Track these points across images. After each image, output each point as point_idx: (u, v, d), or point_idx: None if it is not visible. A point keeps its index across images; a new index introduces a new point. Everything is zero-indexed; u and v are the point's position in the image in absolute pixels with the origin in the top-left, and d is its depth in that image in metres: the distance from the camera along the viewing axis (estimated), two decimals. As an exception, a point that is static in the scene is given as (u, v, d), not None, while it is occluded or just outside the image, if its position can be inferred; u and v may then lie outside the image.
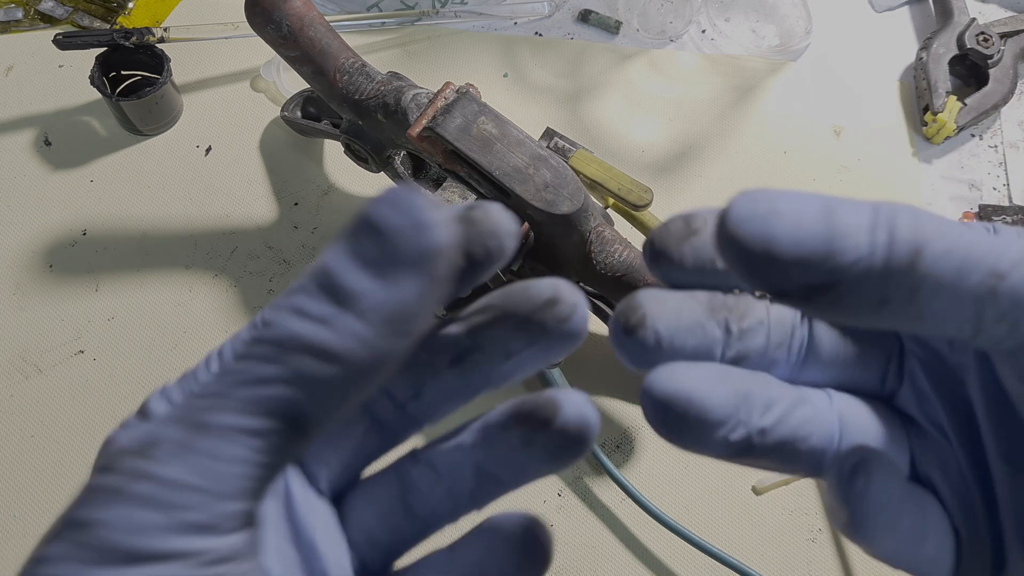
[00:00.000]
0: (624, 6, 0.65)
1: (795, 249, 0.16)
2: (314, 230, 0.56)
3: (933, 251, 0.16)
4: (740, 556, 0.45)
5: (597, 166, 0.47)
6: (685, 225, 0.20)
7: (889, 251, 0.16)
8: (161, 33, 0.56)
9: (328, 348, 0.16)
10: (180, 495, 0.15)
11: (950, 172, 0.61)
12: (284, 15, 0.43)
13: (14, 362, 0.51)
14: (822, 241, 0.16)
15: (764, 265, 0.16)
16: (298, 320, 0.16)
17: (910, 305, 0.16)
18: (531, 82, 0.62)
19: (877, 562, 0.50)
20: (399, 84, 0.44)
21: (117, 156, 0.58)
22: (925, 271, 0.16)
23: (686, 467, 0.49)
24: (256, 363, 0.16)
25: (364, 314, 0.16)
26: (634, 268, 0.44)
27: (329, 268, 0.16)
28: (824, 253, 0.16)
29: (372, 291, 0.16)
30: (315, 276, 0.16)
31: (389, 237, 0.16)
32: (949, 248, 0.16)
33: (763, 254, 0.16)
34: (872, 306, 0.16)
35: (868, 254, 0.16)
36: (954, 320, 0.16)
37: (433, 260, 0.16)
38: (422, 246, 0.16)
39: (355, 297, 0.16)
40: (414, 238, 0.16)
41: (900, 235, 0.16)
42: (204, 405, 0.16)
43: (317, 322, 0.16)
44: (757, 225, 0.16)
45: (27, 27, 0.63)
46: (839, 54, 0.65)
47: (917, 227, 0.16)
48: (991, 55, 0.61)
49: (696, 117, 0.62)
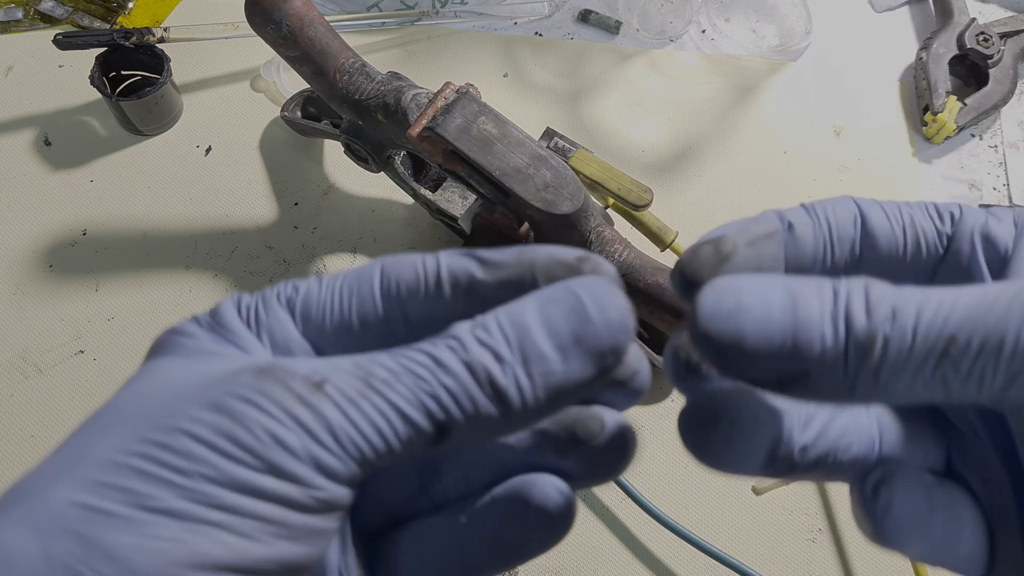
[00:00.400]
0: (624, 6, 0.65)
1: (763, 345, 0.17)
2: (314, 230, 0.56)
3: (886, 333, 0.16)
4: (740, 556, 0.45)
5: (597, 166, 0.47)
6: (715, 251, 0.20)
7: (847, 343, 0.17)
8: (161, 33, 0.56)
9: (502, 391, 0.17)
10: (326, 435, 0.17)
11: (950, 172, 0.61)
12: (284, 15, 0.43)
13: (14, 362, 0.51)
14: (788, 335, 0.17)
15: (736, 360, 0.17)
16: (489, 355, 0.17)
17: (875, 385, 0.17)
18: (531, 82, 0.62)
19: (877, 563, 0.50)
20: (399, 84, 0.44)
21: (117, 156, 0.58)
22: (880, 359, 0.16)
23: (686, 467, 0.49)
24: (439, 369, 0.17)
25: (538, 377, 0.17)
26: (634, 268, 0.44)
27: (528, 327, 0.18)
28: (791, 348, 0.17)
29: (555, 363, 0.18)
30: (514, 325, 0.18)
31: (591, 324, 0.18)
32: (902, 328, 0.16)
33: (734, 351, 0.17)
34: (842, 392, 0.17)
35: (831, 347, 0.17)
36: (922, 391, 0.17)
37: (616, 358, 0.18)
38: (615, 343, 0.18)
39: (539, 361, 0.17)
40: (611, 334, 0.18)
41: (856, 325, 0.17)
42: (381, 375, 0.17)
43: (501, 364, 0.17)
44: (725, 323, 0.17)
45: (27, 27, 0.63)
46: (839, 54, 0.65)
47: (872, 309, 0.17)
48: (991, 55, 0.61)
49: (696, 117, 0.62)
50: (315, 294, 0.20)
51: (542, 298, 0.18)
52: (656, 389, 0.51)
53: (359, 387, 0.17)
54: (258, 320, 0.20)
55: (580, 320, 0.18)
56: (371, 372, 0.17)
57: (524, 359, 0.17)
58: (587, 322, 0.18)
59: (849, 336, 0.16)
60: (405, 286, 0.19)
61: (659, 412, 0.51)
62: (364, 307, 0.20)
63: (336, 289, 0.20)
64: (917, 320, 0.16)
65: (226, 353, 0.19)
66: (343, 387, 0.17)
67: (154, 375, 0.19)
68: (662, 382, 0.52)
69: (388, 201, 0.57)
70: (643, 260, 0.45)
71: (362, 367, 0.18)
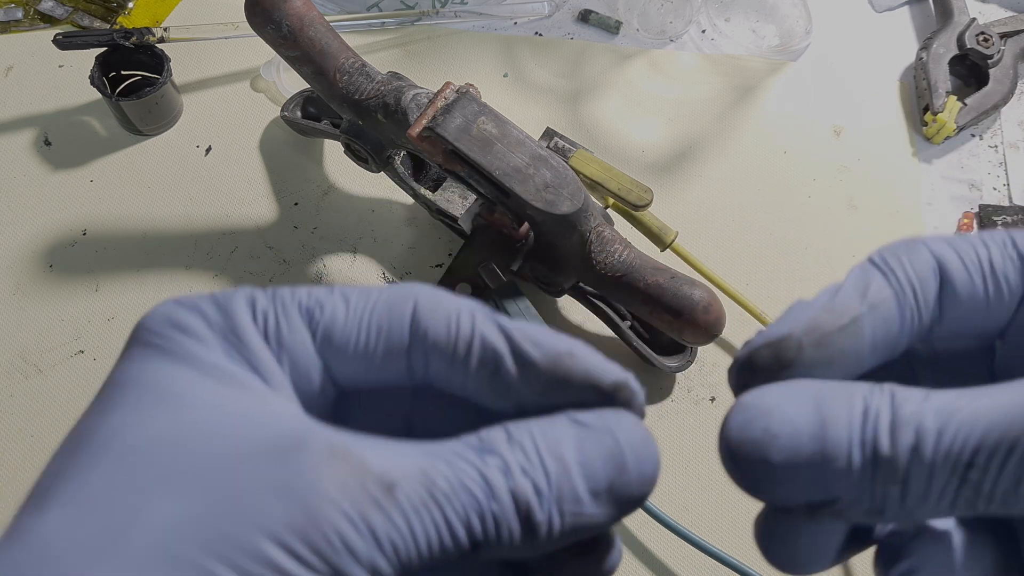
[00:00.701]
0: (624, 6, 0.65)
1: (791, 475, 0.17)
2: (314, 230, 0.56)
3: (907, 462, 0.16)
4: (740, 556, 0.45)
5: (597, 166, 0.47)
6: (774, 357, 0.19)
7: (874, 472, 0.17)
8: (161, 33, 0.56)
9: (535, 526, 0.17)
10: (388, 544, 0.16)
11: (950, 172, 0.61)
12: (284, 15, 0.43)
13: (14, 362, 0.51)
14: (816, 466, 0.17)
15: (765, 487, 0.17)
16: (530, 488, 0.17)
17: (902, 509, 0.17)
18: (531, 82, 0.62)
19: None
20: (399, 84, 0.44)
21: (117, 156, 0.58)
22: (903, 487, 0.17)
23: (686, 467, 0.49)
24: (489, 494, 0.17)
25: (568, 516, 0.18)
26: (634, 268, 0.44)
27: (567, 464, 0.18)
28: (819, 477, 0.17)
29: (587, 507, 0.18)
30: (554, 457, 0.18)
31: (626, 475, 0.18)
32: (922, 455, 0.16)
33: (763, 479, 0.17)
34: (872, 516, 0.17)
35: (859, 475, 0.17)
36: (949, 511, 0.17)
37: (639, 506, 0.18)
38: (644, 495, 0.18)
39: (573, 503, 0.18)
40: (643, 487, 0.18)
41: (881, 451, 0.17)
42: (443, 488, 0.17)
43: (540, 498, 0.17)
44: (753, 451, 0.17)
45: (27, 27, 0.63)
46: (839, 54, 0.65)
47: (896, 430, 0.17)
48: (991, 55, 0.61)
49: (696, 117, 0.62)
50: (341, 319, 0.19)
51: (580, 432, 0.18)
52: (656, 389, 0.51)
53: (424, 497, 0.17)
54: (279, 336, 0.19)
55: (617, 469, 0.18)
56: (435, 482, 0.17)
57: (559, 498, 0.18)
58: (623, 472, 0.18)
59: (876, 465, 0.17)
60: (433, 339, 0.19)
61: (659, 412, 0.51)
62: (391, 346, 0.19)
63: (365, 321, 0.19)
64: (936, 445, 0.16)
65: (250, 385, 0.18)
66: (411, 495, 0.17)
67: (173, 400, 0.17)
68: (662, 382, 0.52)
69: (388, 201, 0.57)
70: (643, 260, 0.45)
71: (427, 474, 0.17)
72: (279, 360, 0.18)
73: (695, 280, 0.44)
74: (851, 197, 0.59)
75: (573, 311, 0.54)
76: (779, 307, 0.53)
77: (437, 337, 0.19)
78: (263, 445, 0.16)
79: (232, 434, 0.17)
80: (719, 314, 0.44)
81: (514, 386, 0.19)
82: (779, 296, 0.55)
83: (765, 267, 0.56)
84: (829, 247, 0.57)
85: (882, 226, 0.58)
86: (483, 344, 0.19)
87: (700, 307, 0.43)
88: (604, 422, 0.18)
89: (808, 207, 0.58)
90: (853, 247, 0.56)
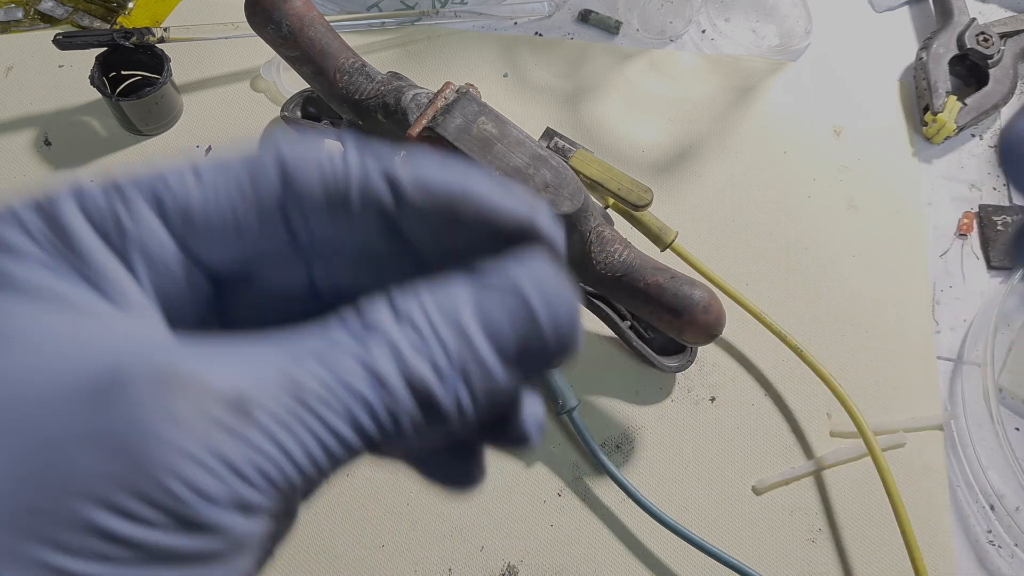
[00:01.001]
0: (624, 6, 0.65)
1: None
2: (314, 230, 0.56)
3: None
4: (740, 556, 0.45)
5: (597, 166, 0.47)
6: None
7: None
8: (161, 33, 0.56)
9: (441, 410, 0.15)
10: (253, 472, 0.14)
11: (950, 172, 0.61)
12: (284, 15, 0.43)
13: (14, 362, 0.51)
14: None
15: None
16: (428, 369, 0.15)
17: None
18: (531, 82, 0.62)
19: (877, 563, 0.50)
20: (399, 84, 0.44)
21: (117, 156, 0.58)
22: None
23: (686, 467, 0.49)
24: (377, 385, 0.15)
25: (479, 392, 0.15)
26: (634, 268, 0.44)
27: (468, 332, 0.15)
28: None
29: (498, 375, 0.15)
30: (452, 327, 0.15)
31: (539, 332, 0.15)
32: None
33: None
34: None
35: None
36: None
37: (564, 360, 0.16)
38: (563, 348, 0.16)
39: (482, 375, 0.15)
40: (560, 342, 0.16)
41: None
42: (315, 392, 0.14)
43: (441, 379, 0.15)
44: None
45: (27, 27, 0.63)
46: (839, 54, 0.65)
47: None
48: (991, 55, 0.61)
49: (696, 117, 0.62)
50: (195, 192, 0.16)
51: (479, 288, 0.16)
52: (656, 389, 0.51)
53: (291, 407, 0.14)
54: (121, 230, 0.15)
55: (528, 325, 0.15)
56: (303, 387, 0.14)
57: (465, 373, 0.15)
58: (536, 328, 0.15)
59: None
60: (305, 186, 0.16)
61: (659, 412, 0.51)
62: (263, 208, 0.16)
63: (224, 186, 0.16)
64: None
65: (83, 304, 0.14)
66: (274, 410, 0.14)
67: None
68: (662, 382, 0.52)
69: (388, 201, 0.57)
70: (643, 260, 0.45)
71: (293, 380, 0.14)
72: (129, 261, 0.15)
73: (695, 280, 0.44)
74: (851, 197, 0.59)
75: (573, 311, 0.54)
76: (779, 307, 0.54)
77: (310, 184, 0.16)
78: (77, 385, 0.13)
79: (46, 378, 0.13)
80: (719, 314, 0.44)
81: (407, 233, 0.17)
82: (779, 296, 0.55)
83: (765, 267, 0.56)
84: (829, 247, 0.57)
85: (882, 226, 0.58)
86: (362, 185, 0.16)
87: (700, 307, 0.43)
88: (506, 273, 0.16)
89: (808, 207, 0.58)
90: (853, 247, 0.56)
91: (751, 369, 0.52)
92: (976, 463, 0.49)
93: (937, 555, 0.47)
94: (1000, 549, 0.48)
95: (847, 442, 0.50)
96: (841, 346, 0.53)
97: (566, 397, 0.48)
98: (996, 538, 0.48)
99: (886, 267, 0.56)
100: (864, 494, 0.49)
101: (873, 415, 0.51)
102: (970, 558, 0.48)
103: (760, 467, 0.50)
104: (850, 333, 0.54)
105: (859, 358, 0.53)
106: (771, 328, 0.51)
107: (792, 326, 0.51)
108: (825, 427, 0.51)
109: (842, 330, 0.54)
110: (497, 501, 0.47)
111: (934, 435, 0.51)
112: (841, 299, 0.55)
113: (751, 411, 0.51)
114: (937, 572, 0.47)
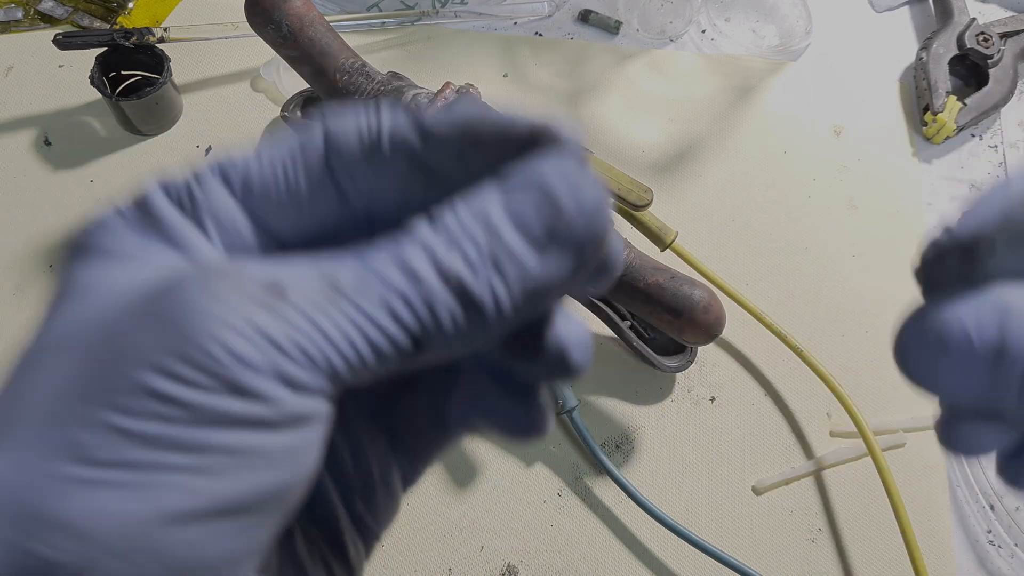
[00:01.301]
0: (624, 6, 0.65)
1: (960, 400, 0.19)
2: (314, 230, 0.56)
3: None
4: (740, 556, 0.45)
5: (597, 166, 0.47)
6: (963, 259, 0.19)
7: None
8: (161, 33, 0.56)
9: (476, 300, 0.15)
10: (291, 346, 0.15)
11: (950, 172, 0.61)
12: (284, 15, 0.43)
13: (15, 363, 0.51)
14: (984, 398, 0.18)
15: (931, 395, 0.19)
16: (459, 260, 0.15)
17: None
18: (531, 82, 0.62)
19: (877, 563, 0.50)
20: (399, 84, 0.44)
21: (117, 156, 0.58)
22: None
23: (686, 467, 0.49)
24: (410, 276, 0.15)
25: (513, 281, 0.16)
26: (634, 268, 0.44)
27: (496, 226, 0.16)
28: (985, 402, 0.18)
29: (531, 263, 0.16)
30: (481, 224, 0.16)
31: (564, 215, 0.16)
32: None
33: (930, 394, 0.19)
34: None
35: None
36: None
37: (595, 248, 0.16)
38: (592, 232, 0.16)
39: (513, 263, 0.16)
40: (588, 222, 0.16)
41: None
42: (349, 281, 0.15)
43: (472, 270, 0.15)
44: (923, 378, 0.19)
45: (27, 27, 0.63)
46: (839, 54, 0.65)
47: None
48: (991, 55, 0.61)
49: (696, 117, 0.62)
50: (254, 166, 0.17)
51: (505, 190, 0.16)
52: (656, 389, 0.51)
53: (326, 293, 0.15)
54: (193, 201, 0.17)
55: (553, 211, 0.16)
56: (337, 278, 0.15)
57: (496, 261, 0.15)
58: (560, 213, 0.16)
59: None
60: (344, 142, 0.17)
61: (659, 412, 0.51)
62: (311, 172, 0.17)
63: (278, 157, 0.17)
64: None
65: (158, 254, 0.17)
66: (308, 293, 0.15)
67: (80, 292, 0.16)
68: (662, 382, 0.52)
69: (388, 201, 0.57)
70: (643, 260, 0.45)
71: (326, 272, 0.15)
72: (202, 224, 0.17)
73: (695, 280, 0.44)
74: (851, 197, 0.59)
75: (573, 311, 0.54)
76: (779, 307, 0.53)
77: (348, 138, 0.17)
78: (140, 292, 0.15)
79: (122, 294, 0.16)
80: (719, 314, 0.44)
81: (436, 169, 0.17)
82: (779, 296, 0.55)
83: (765, 267, 0.56)
84: (829, 247, 0.57)
85: (882, 226, 0.58)
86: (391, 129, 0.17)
87: (700, 307, 0.43)
88: (527, 169, 0.16)
89: (808, 207, 0.58)
90: (853, 247, 0.57)
91: (751, 369, 0.53)
92: (976, 463, 0.49)
93: (937, 555, 0.47)
94: (1000, 549, 0.48)
95: (847, 442, 0.50)
96: (841, 346, 0.53)
97: (566, 397, 0.48)
98: (996, 538, 0.48)
99: (886, 267, 0.56)
100: (864, 494, 0.49)
101: (873, 415, 0.51)
102: (970, 558, 0.48)
103: (760, 467, 0.50)
104: (850, 333, 0.54)
105: (859, 358, 0.53)
106: (771, 328, 0.51)
107: (792, 326, 0.51)
108: (825, 427, 0.51)
109: (842, 330, 0.54)
110: (497, 501, 0.47)
111: (934, 435, 0.51)
112: (841, 299, 0.55)
113: (751, 411, 0.51)
114: (937, 572, 0.47)
